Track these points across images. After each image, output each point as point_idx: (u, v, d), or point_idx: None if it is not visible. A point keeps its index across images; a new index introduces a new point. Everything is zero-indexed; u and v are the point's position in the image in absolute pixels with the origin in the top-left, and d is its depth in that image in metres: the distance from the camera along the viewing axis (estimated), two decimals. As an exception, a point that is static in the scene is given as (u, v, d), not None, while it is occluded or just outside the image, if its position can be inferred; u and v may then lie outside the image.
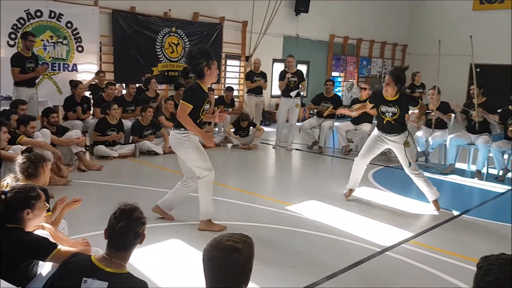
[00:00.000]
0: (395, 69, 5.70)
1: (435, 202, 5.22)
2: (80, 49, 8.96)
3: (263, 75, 9.75)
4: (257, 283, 3.18)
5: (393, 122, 5.06)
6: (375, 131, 5.31)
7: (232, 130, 9.12)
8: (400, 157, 5.14)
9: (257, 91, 9.73)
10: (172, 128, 4.32)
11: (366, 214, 5.00)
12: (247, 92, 9.50)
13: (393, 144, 5.15)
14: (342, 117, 10.00)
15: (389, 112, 5.05)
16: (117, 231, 2.04)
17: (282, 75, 8.63)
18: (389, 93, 4.97)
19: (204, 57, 4.09)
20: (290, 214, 4.87)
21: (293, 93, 8.53)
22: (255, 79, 9.58)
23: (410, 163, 5.05)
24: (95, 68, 9.07)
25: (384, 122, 5.11)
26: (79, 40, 8.92)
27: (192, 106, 4.06)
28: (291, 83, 8.53)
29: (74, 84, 7.82)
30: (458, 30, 15.31)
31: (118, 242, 2.07)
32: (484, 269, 1.51)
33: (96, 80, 8.49)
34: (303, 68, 13.04)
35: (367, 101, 5.53)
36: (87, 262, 2.06)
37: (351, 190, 5.55)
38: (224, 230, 4.18)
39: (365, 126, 8.26)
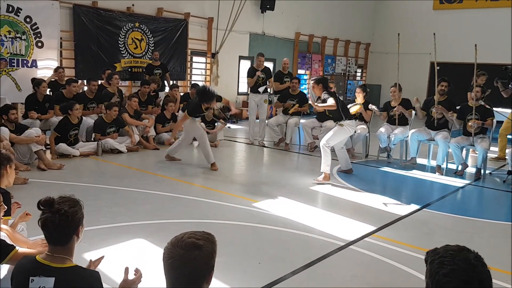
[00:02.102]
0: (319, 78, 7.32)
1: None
2: (39, 44, 8.67)
3: (291, 76, 9.60)
4: (222, 280, 3.17)
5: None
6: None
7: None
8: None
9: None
10: None
11: (330, 209, 5.08)
12: (275, 93, 9.47)
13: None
14: (308, 114, 10.16)
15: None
16: (44, 225, 2.00)
17: (252, 72, 8.96)
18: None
19: None
20: (257, 210, 4.88)
21: (261, 89, 8.97)
22: (285, 80, 9.41)
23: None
24: (55, 64, 8.79)
25: None
26: (39, 35, 8.63)
27: None
28: (259, 79, 8.92)
29: (37, 82, 7.52)
30: (418, 29, 15.73)
31: (50, 237, 2.03)
32: (437, 263, 1.47)
33: (55, 77, 8.22)
34: (269, 65, 13.07)
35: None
36: (32, 261, 2.02)
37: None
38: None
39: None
